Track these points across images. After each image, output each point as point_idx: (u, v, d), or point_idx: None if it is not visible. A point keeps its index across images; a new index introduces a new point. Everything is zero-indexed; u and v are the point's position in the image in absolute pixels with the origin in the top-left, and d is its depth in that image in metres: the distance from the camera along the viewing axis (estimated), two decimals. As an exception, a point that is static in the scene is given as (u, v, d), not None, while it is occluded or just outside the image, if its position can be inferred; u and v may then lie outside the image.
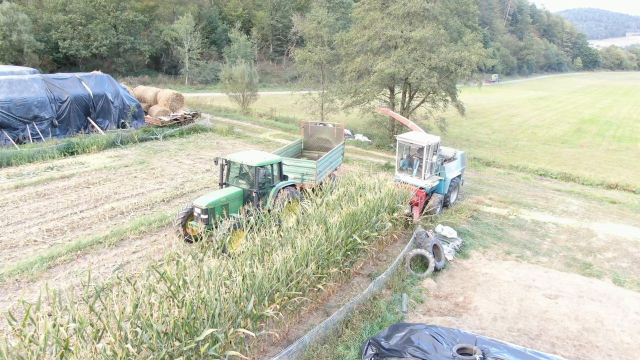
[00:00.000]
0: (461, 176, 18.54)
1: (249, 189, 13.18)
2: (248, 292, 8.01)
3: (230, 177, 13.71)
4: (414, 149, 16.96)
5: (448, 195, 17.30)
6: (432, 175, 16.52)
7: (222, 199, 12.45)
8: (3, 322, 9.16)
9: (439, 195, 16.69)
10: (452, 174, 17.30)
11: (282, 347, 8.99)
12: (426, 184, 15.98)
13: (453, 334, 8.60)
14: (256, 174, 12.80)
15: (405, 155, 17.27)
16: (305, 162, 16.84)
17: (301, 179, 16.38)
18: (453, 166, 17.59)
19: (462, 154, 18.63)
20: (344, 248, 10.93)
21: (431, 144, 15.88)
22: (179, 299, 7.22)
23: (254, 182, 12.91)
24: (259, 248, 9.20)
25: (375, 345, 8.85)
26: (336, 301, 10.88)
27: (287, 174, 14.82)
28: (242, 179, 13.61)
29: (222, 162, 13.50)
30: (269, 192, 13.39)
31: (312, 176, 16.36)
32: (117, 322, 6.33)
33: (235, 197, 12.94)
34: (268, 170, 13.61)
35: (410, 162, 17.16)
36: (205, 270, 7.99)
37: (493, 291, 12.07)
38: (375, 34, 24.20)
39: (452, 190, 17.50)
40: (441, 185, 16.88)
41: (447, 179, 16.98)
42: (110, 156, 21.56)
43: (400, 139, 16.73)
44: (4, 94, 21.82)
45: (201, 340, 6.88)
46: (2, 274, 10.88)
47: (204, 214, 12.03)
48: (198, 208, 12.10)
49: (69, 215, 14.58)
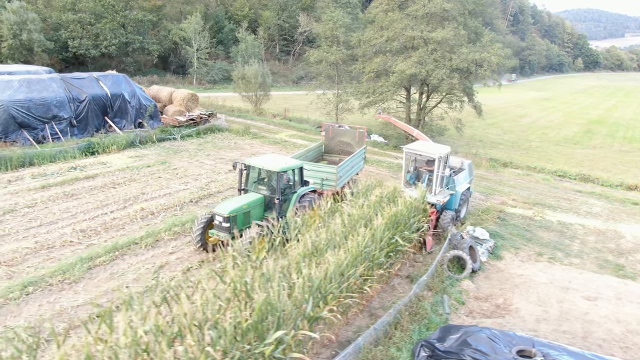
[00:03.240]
0: (470, 188, 16.92)
1: (270, 195, 12.57)
2: (306, 294, 8.00)
3: (249, 182, 13.02)
4: (421, 160, 15.57)
5: (459, 210, 15.64)
6: (443, 189, 14.90)
7: (243, 206, 11.89)
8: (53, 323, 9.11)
9: (451, 212, 14.78)
10: (461, 187, 15.63)
11: (332, 349, 9.00)
12: (437, 199, 14.26)
13: (509, 337, 8.59)
14: (278, 179, 12.16)
15: (412, 167, 15.74)
16: (326, 166, 16.16)
17: (320, 184, 15.61)
18: (462, 178, 16.00)
19: (469, 163, 17.16)
20: (386, 249, 10.93)
21: (442, 155, 14.39)
22: (242, 301, 7.20)
23: (276, 188, 12.28)
24: (310, 251, 9.18)
25: (429, 348, 8.84)
26: (379, 303, 10.89)
27: (306, 178, 14.17)
28: (262, 184, 13.03)
29: (241, 166, 12.78)
30: (290, 198, 12.74)
31: (332, 182, 15.61)
32: (188, 326, 6.31)
33: (257, 204, 12.38)
34: (290, 175, 12.96)
35: (418, 176, 15.74)
36: (264, 272, 7.98)
37: (531, 293, 12.07)
38: (394, 35, 24.20)
39: (462, 205, 15.82)
40: (452, 200, 15.16)
41: (457, 192, 15.28)
42: (131, 156, 21.51)
43: (408, 149, 15.10)
44: (23, 94, 21.75)
45: (269, 342, 6.87)
46: (44, 274, 10.84)
47: (226, 222, 11.49)
48: (219, 216, 11.53)
49: (99, 216, 14.53)
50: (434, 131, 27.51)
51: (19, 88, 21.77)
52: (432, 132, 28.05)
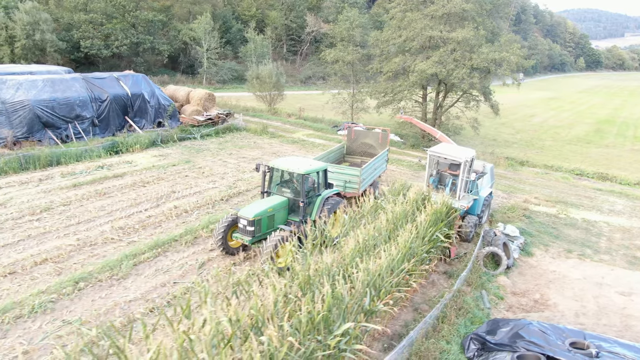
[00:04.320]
0: (492, 193, 16.43)
1: (294, 198, 12.25)
2: (365, 288, 8.21)
3: (272, 184, 12.73)
4: (444, 164, 15.01)
5: (481, 216, 15.25)
6: (468, 194, 14.53)
7: (268, 210, 11.63)
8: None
9: (474, 218, 14.41)
10: (484, 192, 15.28)
11: (382, 342, 9.21)
12: (461, 205, 13.75)
13: (559, 329, 8.81)
14: (303, 182, 11.83)
15: (434, 171, 15.24)
16: (349, 168, 15.91)
17: (343, 187, 15.41)
18: (485, 182, 15.61)
19: (491, 167, 16.62)
20: (428, 245, 11.15)
21: (468, 160, 14.02)
22: (309, 295, 7.40)
23: (301, 191, 11.94)
24: (362, 246, 9.39)
25: (479, 341, 9.05)
26: (421, 298, 11.10)
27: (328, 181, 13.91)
28: (286, 187, 12.72)
29: (264, 168, 12.44)
30: (315, 201, 12.43)
31: (355, 184, 15.35)
32: (270, 317, 6.52)
33: (281, 207, 12.08)
34: (314, 178, 12.67)
35: (440, 179, 15.31)
36: (322, 266, 8.19)
37: (566, 288, 12.28)
38: (413, 35, 24.40)
39: (484, 210, 15.44)
40: (475, 205, 14.71)
41: (480, 197, 14.91)
42: (155, 155, 21.72)
43: (432, 152, 14.62)
44: (47, 94, 21.94)
45: (337, 334, 7.08)
46: (91, 271, 11.05)
47: (251, 225, 11.26)
48: (244, 219, 11.34)
49: (135, 214, 14.74)
50: (450, 130, 27.73)
51: (43, 88, 21.97)
52: (449, 131, 28.26)
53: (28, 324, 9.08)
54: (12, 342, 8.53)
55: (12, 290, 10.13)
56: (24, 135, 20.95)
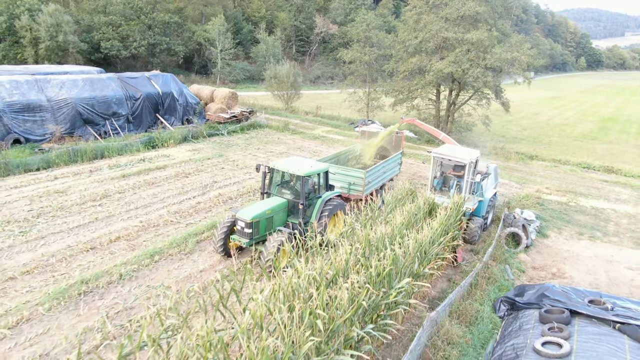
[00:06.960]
0: (496, 194, 16.17)
1: (293, 199, 12.05)
2: (416, 253, 9.67)
3: (272, 185, 12.56)
4: (447, 165, 14.95)
5: (486, 217, 15.14)
6: (473, 196, 14.34)
7: (266, 212, 11.45)
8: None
9: (479, 219, 14.32)
10: (489, 193, 15.18)
11: (424, 302, 10.65)
12: (466, 207, 13.56)
13: (579, 291, 10.25)
14: (303, 184, 11.57)
15: (438, 173, 15.20)
16: (354, 170, 15.47)
17: (347, 189, 15.10)
18: (489, 183, 15.50)
19: (494, 167, 16.50)
20: (458, 223, 12.62)
21: (473, 161, 13.92)
22: (373, 256, 8.85)
23: (301, 193, 11.72)
24: (407, 221, 10.86)
25: (508, 302, 10.50)
26: (451, 270, 12.55)
27: (332, 182, 13.77)
28: (285, 188, 12.49)
29: (264, 169, 12.31)
30: (314, 203, 12.21)
31: (359, 187, 15.00)
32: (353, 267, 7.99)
33: (280, 209, 11.86)
34: (315, 179, 12.39)
35: (445, 181, 15.25)
36: (379, 235, 9.65)
37: (580, 264, 13.73)
38: (429, 36, 25.88)
39: (489, 211, 15.36)
40: (480, 206, 14.56)
41: (485, 199, 14.81)
42: (189, 150, 23.18)
43: (436, 154, 14.51)
44: (87, 92, 23.42)
45: (397, 287, 8.53)
46: (161, 247, 12.49)
47: (248, 227, 11.07)
48: (242, 221, 11.13)
49: (185, 201, 16.20)
50: (462, 127, 29.16)
51: (83, 87, 23.45)
52: (460, 128, 29.72)
53: (119, 288, 10.53)
54: (110, 302, 9.97)
55: (97, 262, 11.58)
56: (68, 131, 22.41)
